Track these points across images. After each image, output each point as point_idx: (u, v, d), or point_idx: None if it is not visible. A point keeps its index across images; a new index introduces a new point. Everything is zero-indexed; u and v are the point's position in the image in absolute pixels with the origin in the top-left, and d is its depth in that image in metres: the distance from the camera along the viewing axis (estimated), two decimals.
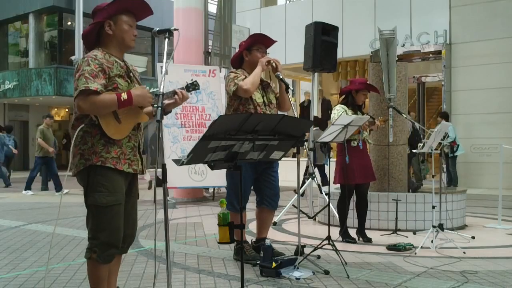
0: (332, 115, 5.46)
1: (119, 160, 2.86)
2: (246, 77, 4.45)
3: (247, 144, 2.97)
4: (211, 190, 10.62)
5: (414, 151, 8.61)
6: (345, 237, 5.45)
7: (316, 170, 9.31)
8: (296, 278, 3.91)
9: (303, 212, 6.48)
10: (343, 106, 5.46)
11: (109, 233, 2.83)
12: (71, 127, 2.91)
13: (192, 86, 3.23)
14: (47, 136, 11.62)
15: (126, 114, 2.88)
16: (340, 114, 5.24)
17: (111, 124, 2.83)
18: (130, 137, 2.94)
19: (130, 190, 3.02)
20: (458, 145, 9.92)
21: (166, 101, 3.08)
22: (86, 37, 2.99)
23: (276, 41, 4.70)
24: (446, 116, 11.03)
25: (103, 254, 2.84)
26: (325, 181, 10.09)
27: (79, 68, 2.80)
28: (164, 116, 3.03)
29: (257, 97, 4.48)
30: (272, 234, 5.76)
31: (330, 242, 4.48)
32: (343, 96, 5.64)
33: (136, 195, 3.13)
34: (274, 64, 4.49)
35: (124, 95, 2.77)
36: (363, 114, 5.58)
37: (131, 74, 3.01)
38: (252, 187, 4.65)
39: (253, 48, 4.58)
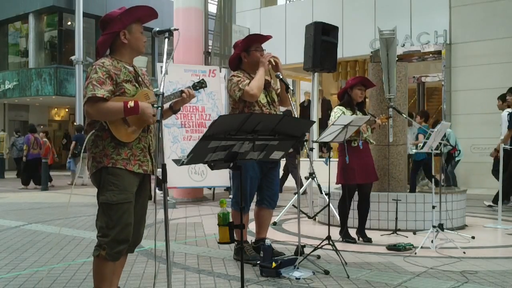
0: (330, 118, 5.43)
1: (130, 161, 2.95)
2: (249, 80, 4.44)
3: (247, 144, 2.96)
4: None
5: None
6: (345, 237, 5.44)
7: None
8: (296, 278, 3.91)
9: (303, 212, 6.47)
10: (340, 107, 5.43)
11: (120, 229, 2.90)
12: (84, 132, 3.03)
13: (199, 85, 3.32)
14: None
15: (135, 116, 2.95)
16: (338, 116, 5.18)
17: (120, 127, 2.92)
18: (140, 138, 3.03)
19: (140, 191, 3.08)
20: (460, 151, 9.70)
21: (173, 100, 3.18)
22: (101, 46, 3.06)
23: (271, 37, 4.68)
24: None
25: (112, 251, 2.90)
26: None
27: (88, 76, 2.90)
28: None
29: (261, 97, 4.47)
30: (272, 234, 5.76)
31: (330, 242, 4.48)
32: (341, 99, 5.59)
33: (147, 195, 3.18)
34: (273, 62, 4.49)
35: (131, 103, 2.85)
36: (364, 113, 5.55)
37: (139, 79, 3.09)
38: None
39: (251, 49, 4.56)
